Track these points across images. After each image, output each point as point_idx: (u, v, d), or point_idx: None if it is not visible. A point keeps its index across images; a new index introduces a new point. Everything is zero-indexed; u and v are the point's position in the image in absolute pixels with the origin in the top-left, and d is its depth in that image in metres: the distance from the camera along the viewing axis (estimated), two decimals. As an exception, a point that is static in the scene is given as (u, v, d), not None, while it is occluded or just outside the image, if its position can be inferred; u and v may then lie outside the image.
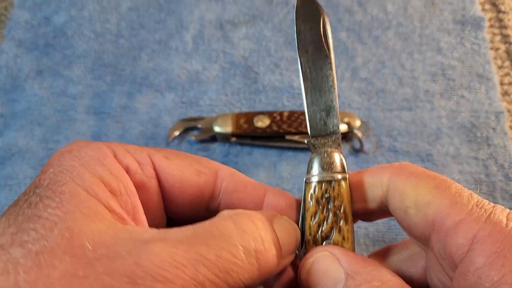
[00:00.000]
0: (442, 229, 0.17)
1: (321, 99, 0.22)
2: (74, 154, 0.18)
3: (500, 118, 0.39)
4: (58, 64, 0.43)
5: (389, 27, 0.44)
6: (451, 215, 0.17)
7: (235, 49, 0.43)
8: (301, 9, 0.23)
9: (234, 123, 0.37)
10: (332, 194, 0.20)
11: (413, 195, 0.18)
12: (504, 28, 0.44)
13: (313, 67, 0.22)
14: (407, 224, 0.19)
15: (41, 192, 0.17)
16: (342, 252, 0.19)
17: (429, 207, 0.18)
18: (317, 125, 0.22)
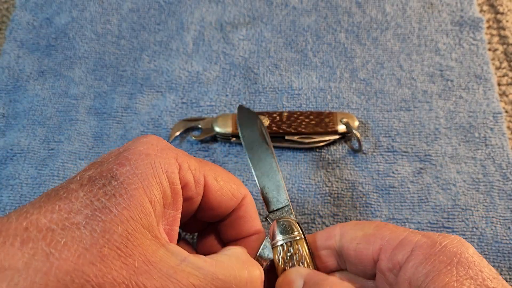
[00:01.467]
0: (388, 248, 0.22)
1: (270, 181, 0.28)
2: (150, 160, 0.21)
3: (498, 118, 0.39)
4: (59, 65, 0.43)
5: (388, 28, 0.44)
6: (394, 238, 0.22)
7: (235, 50, 0.43)
8: (241, 118, 0.31)
9: (234, 124, 0.37)
10: (293, 251, 0.26)
11: (361, 234, 0.24)
12: (502, 29, 0.45)
13: (259, 158, 0.29)
14: (358, 258, 0.24)
15: (116, 187, 0.19)
16: (304, 269, 0.24)
17: (375, 238, 0.23)
18: (271, 202, 0.28)
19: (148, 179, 0.20)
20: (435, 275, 0.19)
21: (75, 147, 0.38)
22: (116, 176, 0.19)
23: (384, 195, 0.35)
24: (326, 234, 0.26)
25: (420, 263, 0.20)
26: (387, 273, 0.22)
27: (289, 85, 0.41)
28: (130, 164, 0.20)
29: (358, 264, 0.24)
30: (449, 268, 0.19)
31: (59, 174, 0.37)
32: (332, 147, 0.38)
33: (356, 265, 0.24)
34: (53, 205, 0.17)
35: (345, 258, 0.25)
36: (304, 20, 0.45)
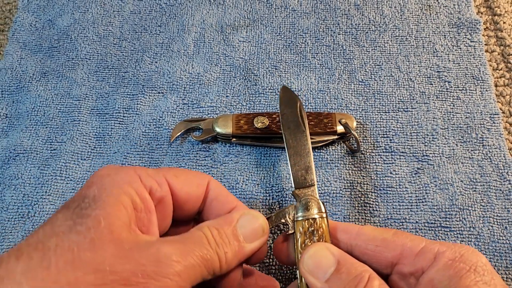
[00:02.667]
0: (410, 254, 0.25)
1: (301, 161, 0.30)
2: (112, 177, 0.23)
3: (495, 119, 0.39)
4: (62, 66, 0.44)
5: (386, 30, 0.45)
6: (414, 245, 0.25)
7: (235, 52, 0.44)
8: (284, 98, 0.32)
9: (234, 124, 0.37)
10: (315, 228, 0.27)
11: (380, 237, 0.26)
12: (499, 30, 0.45)
13: (294, 138, 0.31)
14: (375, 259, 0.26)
15: (89, 201, 0.22)
16: (333, 247, 0.26)
17: (395, 244, 0.25)
18: (299, 180, 0.30)
19: (115, 190, 0.23)
20: (457, 279, 0.22)
21: (78, 148, 0.39)
22: (87, 195, 0.22)
23: (382, 195, 0.36)
24: (343, 226, 0.27)
25: (444, 269, 0.23)
26: (408, 276, 0.25)
27: (289, 86, 0.41)
28: (97, 184, 0.23)
29: (374, 263, 0.26)
30: (468, 274, 0.22)
31: (62, 174, 0.38)
32: (331, 147, 0.38)
33: (370, 263, 0.26)
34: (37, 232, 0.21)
35: (358, 255, 0.26)
36: (303, 22, 0.46)
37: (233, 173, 0.37)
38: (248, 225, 0.25)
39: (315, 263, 0.25)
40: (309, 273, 0.25)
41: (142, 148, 0.38)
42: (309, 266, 0.25)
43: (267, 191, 0.36)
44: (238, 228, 0.25)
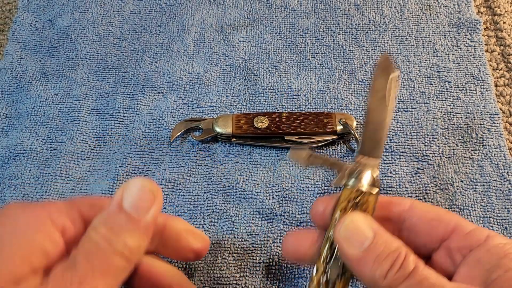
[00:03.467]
0: (462, 231, 0.24)
1: (375, 132, 0.28)
2: (12, 220, 0.21)
3: (495, 119, 0.39)
4: (62, 66, 0.44)
5: (386, 30, 0.45)
6: (467, 225, 0.25)
7: (235, 52, 0.44)
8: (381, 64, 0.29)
9: (234, 124, 0.37)
10: (361, 201, 0.25)
11: (434, 212, 0.26)
12: (499, 30, 0.45)
13: (376, 108, 0.29)
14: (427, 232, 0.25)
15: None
16: (373, 220, 0.24)
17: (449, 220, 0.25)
18: (366, 147, 0.28)
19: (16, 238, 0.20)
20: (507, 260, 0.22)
21: (78, 147, 0.39)
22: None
23: (382, 194, 0.36)
24: (397, 200, 0.27)
25: (493, 249, 0.23)
26: (454, 252, 0.24)
27: (289, 86, 0.41)
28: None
29: (423, 236, 0.25)
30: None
31: (62, 174, 0.38)
32: (331, 147, 0.38)
33: (420, 237, 0.25)
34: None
35: (408, 228, 0.26)
36: (303, 22, 0.46)
37: (233, 173, 0.37)
38: (133, 195, 0.22)
39: (353, 231, 0.24)
40: (344, 240, 0.24)
41: (142, 148, 0.38)
42: (346, 233, 0.24)
43: (267, 191, 0.36)
44: (126, 206, 0.22)
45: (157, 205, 0.23)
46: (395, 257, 0.22)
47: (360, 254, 0.23)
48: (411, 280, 0.21)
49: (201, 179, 0.37)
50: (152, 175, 0.37)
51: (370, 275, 0.22)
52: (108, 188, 0.36)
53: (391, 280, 0.22)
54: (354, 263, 0.23)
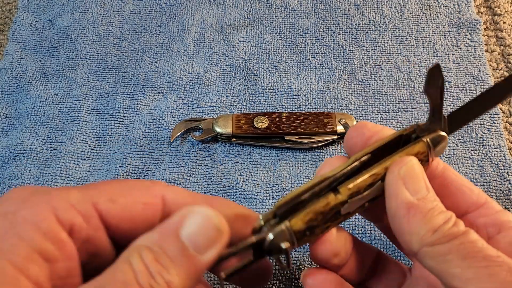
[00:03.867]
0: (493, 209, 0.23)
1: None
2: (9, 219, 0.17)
3: (495, 119, 0.39)
4: (62, 66, 0.44)
5: (386, 30, 0.45)
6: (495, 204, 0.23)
7: (235, 52, 0.44)
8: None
9: (234, 124, 0.37)
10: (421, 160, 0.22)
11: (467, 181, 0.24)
12: (499, 30, 0.45)
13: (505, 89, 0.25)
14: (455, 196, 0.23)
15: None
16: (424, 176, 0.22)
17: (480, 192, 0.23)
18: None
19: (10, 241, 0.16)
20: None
21: (78, 147, 0.39)
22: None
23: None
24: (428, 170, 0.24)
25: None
26: (481, 228, 0.23)
27: (289, 86, 0.41)
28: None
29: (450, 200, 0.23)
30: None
31: (62, 174, 0.38)
32: (331, 147, 0.38)
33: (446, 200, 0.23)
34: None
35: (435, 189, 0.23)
36: (303, 22, 0.46)
37: (233, 173, 0.37)
38: (198, 228, 0.18)
39: (413, 176, 0.21)
40: (402, 180, 0.21)
41: (142, 148, 0.38)
42: (406, 174, 0.21)
43: (267, 191, 0.36)
44: (183, 237, 0.18)
45: (220, 245, 0.19)
46: (449, 215, 0.20)
47: (415, 201, 0.20)
48: (461, 239, 0.19)
49: (201, 179, 0.37)
50: (152, 175, 0.37)
51: (417, 227, 0.20)
52: (108, 188, 0.36)
53: (441, 235, 0.20)
54: (404, 209, 0.20)
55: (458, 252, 0.19)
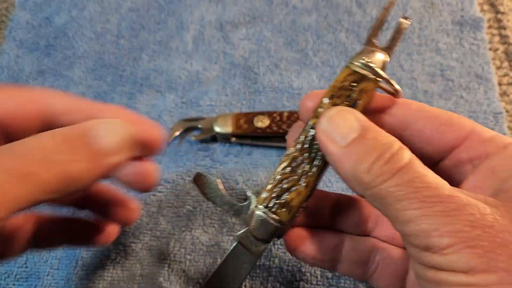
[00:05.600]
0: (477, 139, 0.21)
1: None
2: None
3: (499, 118, 0.39)
4: (59, 64, 0.43)
5: (388, 28, 0.44)
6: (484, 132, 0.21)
7: (235, 50, 0.43)
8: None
9: (234, 123, 0.37)
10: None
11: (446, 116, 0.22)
12: (503, 28, 0.45)
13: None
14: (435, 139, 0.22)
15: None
16: (360, 114, 0.21)
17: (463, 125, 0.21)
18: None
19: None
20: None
21: (75, 147, 0.38)
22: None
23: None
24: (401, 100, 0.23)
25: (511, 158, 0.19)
26: (465, 162, 0.21)
27: (289, 84, 0.41)
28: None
29: (430, 144, 0.22)
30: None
31: (58, 174, 0.37)
32: (333, 147, 0.38)
33: (424, 146, 0.22)
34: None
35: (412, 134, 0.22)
36: (305, 20, 0.45)
37: (233, 173, 0.36)
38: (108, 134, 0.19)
39: (337, 124, 0.20)
40: (325, 136, 0.20)
41: (140, 147, 0.38)
42: (328, 126, 0.20)
43: (267, 192, 0.35)
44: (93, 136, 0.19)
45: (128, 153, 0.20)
46: (384, 150, 0.18)
47: (343, 149, 0.19)
48: (402, 176, 0.18)
49: (201, 179, 0.36)
50: (150, 175, 0.37)
51: (351, 170, 0.19)
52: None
53: (376, 173, 0.18)
54: (335, 159, 0.20)
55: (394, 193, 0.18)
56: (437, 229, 0.16)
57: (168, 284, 0.32)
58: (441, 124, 0.21)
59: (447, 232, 0.16)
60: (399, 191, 0.17)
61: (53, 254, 0.33)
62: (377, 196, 0.18)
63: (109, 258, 0.33)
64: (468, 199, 0.17)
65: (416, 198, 0.17)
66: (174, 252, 0.33)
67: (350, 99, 0.22)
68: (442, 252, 0.16)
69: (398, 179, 0.18)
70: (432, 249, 0.17)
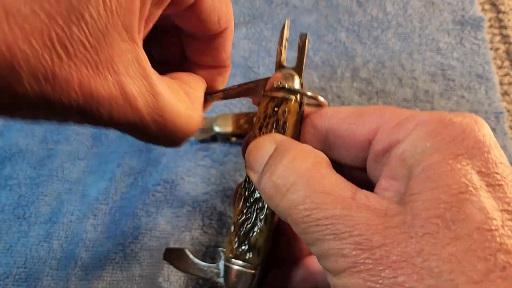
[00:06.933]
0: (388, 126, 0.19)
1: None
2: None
3: (500, 118, 0.39)
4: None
5: (389, 28, 0.44)
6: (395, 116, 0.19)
7: (235, 49, 0.43)
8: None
9: (234, 123, 0.37)
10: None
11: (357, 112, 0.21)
12: (504, 28, 0.44)
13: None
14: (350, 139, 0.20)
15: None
16: (280, 135, 0.21)
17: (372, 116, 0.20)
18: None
19: None
20: (432, 151, 0.16)
21: (74, 147, 0.38)
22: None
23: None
24: (322, 110, 0.22)
25: (419, 139, 0.17)
26: (380, 156, 0.19)
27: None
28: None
29: (349, 147, 0.20)
30: (450, 145, 0.16)
31: (58, 174, 0.37)
32: (333, 147, 0.38)
33: (346, 149, 0.21)
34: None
35: (334, 142, 0.21)
36: (305, 19, 0.45)
37: (233, 173, 0.36)
38: None
39: (253, 157, 0.20)
40: (249, 169, 0.20)
41: (139, 147, 0.38)
42: (248, 160, 0.20)
43: (267, 192, 0.35)
44: None
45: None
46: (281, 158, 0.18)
47: (260, 176, 0.19)
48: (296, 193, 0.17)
49: (200, 179, 0.36)
50: (149, 175, 0.36)
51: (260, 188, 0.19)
52: (105, 188, 0.35)
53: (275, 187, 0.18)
54: (257, 186, 0.20)
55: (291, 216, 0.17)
56: (332, 253, 0.16)
57: (167, 285, 0.32)
58: (350, 123, 0.20)
59: (340, 256, 0.16)
60: (294, 214, 0.17)
61: (52, 255, 0.33)
62: (282, 217, 0.18)
63: (108, 259, 0.33)
64: (358, 217, 0.16)
65: (309, 222, 0.17)
66: (174, 252, 0.33)
67: (278, 125, 0.22)
68: (338, 276, 0.16)
69: (291, 199, 0.17)
70: (332, 272, 0.17)
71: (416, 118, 0.18)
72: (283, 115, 0.22)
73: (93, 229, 0.34)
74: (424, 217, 0.15)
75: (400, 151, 0.17)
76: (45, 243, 0.33)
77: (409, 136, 0.17)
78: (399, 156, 0.17)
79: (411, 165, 0.17)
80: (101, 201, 0.35)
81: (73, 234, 0.34)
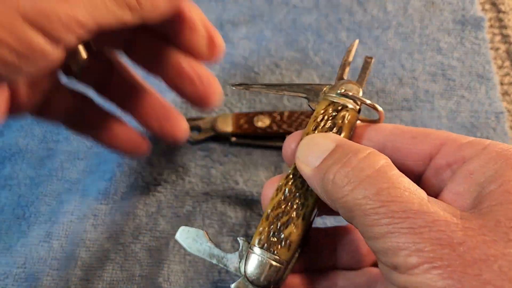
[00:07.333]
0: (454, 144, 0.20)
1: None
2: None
3: (500, 118, 0.39)
4: (58, 64, 0.43)
5: (389, 27, 0.44)
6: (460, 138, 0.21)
7: (235, 49, 0.43)
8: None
9: (234, 123, 0.37)
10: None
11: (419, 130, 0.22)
12: (504, 28, 0.44)
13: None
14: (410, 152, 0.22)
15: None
16: (336, 135, 0.22)
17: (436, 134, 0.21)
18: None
19: None
20: (506, 169, 0.17)
21: (74, 147, 0.38)
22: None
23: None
24: (376, 126, 0.23)
25: (492, 159, 0.18)
26: (443, 169, 0.20)
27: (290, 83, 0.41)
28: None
29: (407, 160, 0.21)
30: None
31: (58, 174, 0.37)
32: (333, 147, 0.38)
33: (403, 162, 0.21)
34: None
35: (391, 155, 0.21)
36: (305, 19, 0.45)
37: (233, 173, 0.36)
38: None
39: (307, 150, 0.20)
40: (300, 161, 0.21)
41: (139, 147, 0.38)
42: (300, 153, 0.21)
43: (267, 192, 0.35)
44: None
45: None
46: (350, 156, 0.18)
47: (315, 169, 0.19)
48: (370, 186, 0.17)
49: (200, 179, 0.36)
50: (149, 175, 0.36)
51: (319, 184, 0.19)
52: (105, 188, 0.35)
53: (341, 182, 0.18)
54: (308, 179, 0.20)
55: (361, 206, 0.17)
56: (404, 248, 0.16)
57: (167, 285, 0.32)
58: (413, 137, 0.21)
59: (414, 251, 0.16)
60: (366, 204, 0.17)
61: (52, 255, 0.33)
62: (345, 209, 0.18)
63: (108, 259, 0.33)
64: (438, 214, 0.16)
65: (383, 213, 0.16)
66: (174, 252, 0.33)
67: (333, 129, 0.23)
68: (409, 272, 0.16)
69: (365, 190, 0.17)
70: (399, 269, 0.16)
71: (483, 142, 0.19)
72: (341, 120, 0.23)
73: (93, 229, 0.34)
74: (508, 226, 0.16)
75: (468, 170, 0.19)
76: (45, 243, 0.33)
77: (479, 156, 0.18)
78: (467, 173, 0.18)
79: (484, 181, 0.18)
80: (101, 201, 0.35)
81: (73, 234, 0.34)
